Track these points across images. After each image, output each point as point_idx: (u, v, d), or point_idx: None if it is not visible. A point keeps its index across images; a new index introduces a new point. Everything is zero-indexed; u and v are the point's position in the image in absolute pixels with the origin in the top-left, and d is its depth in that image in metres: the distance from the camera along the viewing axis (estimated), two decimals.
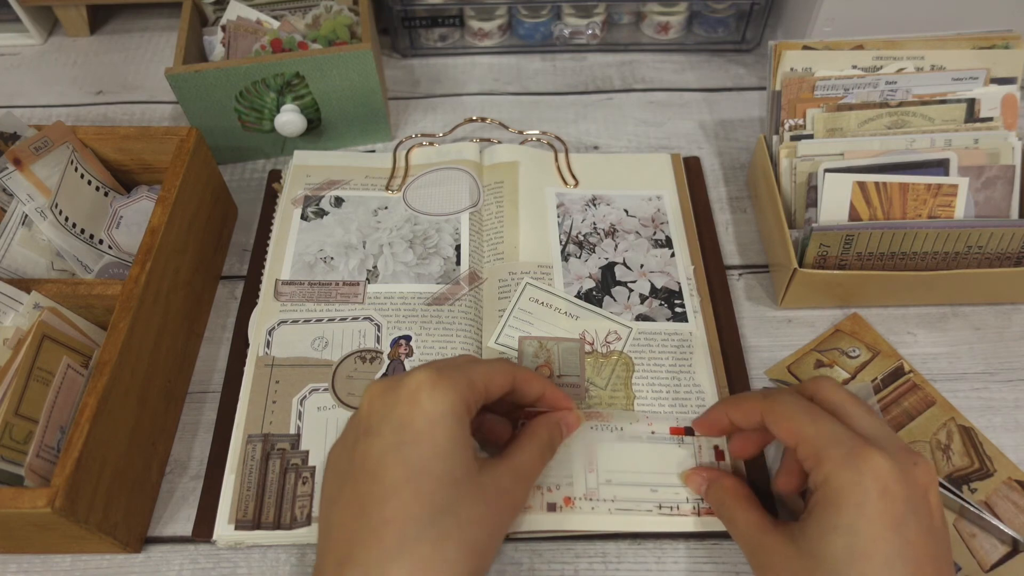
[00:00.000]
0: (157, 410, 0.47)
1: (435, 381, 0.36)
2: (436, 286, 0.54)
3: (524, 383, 0.41)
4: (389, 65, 0.74)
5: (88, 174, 0.53)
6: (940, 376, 0.51)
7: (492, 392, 0.39)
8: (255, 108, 0.61)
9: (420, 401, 0.36)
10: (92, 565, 0.44)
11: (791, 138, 0.56)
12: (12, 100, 0.71)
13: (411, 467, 0.35)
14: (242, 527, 0.44)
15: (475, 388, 0.38)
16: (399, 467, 0.35)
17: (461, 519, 0.35)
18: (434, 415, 0.36)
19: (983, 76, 0.56)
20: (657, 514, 0.44)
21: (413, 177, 0.60)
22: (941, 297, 0.54)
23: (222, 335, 0.54)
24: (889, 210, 0.51)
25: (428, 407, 0.36)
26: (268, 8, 0.67)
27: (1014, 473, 0.46)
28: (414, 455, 0.35)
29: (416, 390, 0.36)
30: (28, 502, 0.36)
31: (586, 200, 0.59)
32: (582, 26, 0.72)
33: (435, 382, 0.36)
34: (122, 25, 0.78)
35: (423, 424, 0.35)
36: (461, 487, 0.35)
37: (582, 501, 0.44)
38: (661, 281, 0.54)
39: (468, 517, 0.35)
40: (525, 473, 0.40)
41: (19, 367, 0.42)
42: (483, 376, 0.39)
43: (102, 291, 0.45)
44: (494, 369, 0.40)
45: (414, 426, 0.35)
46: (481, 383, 0.38)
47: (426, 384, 0.36)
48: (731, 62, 0.74)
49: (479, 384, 0.38)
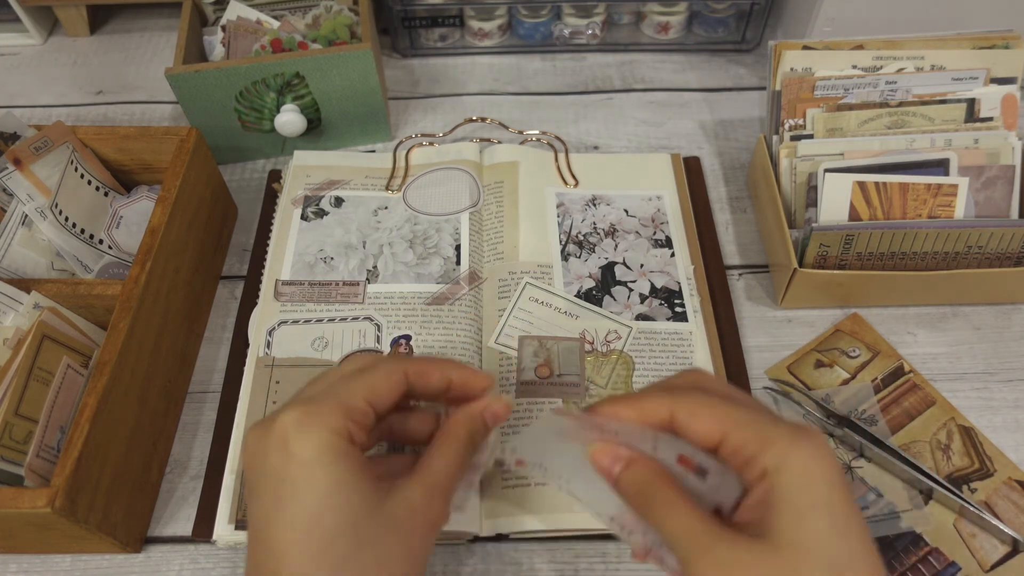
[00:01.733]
0: (157, 410, 0.47)
1: (300, 421, 0.33)
2: (436, 286, 0.54)
3: (421, 377, 0.37)
4: (389, 65, 0.74)
5: (88, 174, 0.53)
6: (940, 376, 0.51)
7: (381, 404, 0.35)
8: (255, 108, 0.61)
9: (289, 448, 0.32)
10: (92, 565, 0.44)
11: (791, 138, 0.56)
12: (12, 100, 0.71)
13: (296, 526, 0.31)
14: (242, 527, 0.43)
15: (354, 411, 0.34)
16: (284, 529, 0.31)
17: (367, 563, 0.31)
18: (307, 459, 0.32)
19: (983, 76, 0.56)
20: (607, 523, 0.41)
21: (413, 177, 0.60)
22: (941, 297, 0.54)
23: (222, 335, 0.54)
24: (889, 210, 0.51)
25: (299, 452, 0.32)
26: (268, 8, 0.67)
27: (1014, 473, 0.46)
28: (297, 511, 0.31)
29: (283, 436, 0.32)
30: (28, 502, 0.36)
31: (586, 200, 0.59)
32: (582, 26, 0.72)
33: (300, 422, 0.33)
34: (122, 25, 0.78)
35: (298, 472, 0.32)
36: (360, 528, 0.32)
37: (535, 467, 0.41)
38: (661, 281, 0.54)
39: (376, 557, 0.32)
40: (440, 484, 0.35)
41: (19, 367, 0.42)
42: (362, 392, 0.35)
43: (102, 291, 0.45)
44: (376, 377, 0.36)
45: (289, 477, 0.32)
46: (361, 402, 0.34)
47: (291, 426, 0.32)
48: (731, 62, 0.74)
49: (358, 404, 0.34)
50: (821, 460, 0.31)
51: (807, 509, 0.30)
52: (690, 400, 0.34)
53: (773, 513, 0.31)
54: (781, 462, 0.31)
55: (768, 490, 0.31)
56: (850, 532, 0.30)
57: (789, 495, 0.31)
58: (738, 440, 0.32)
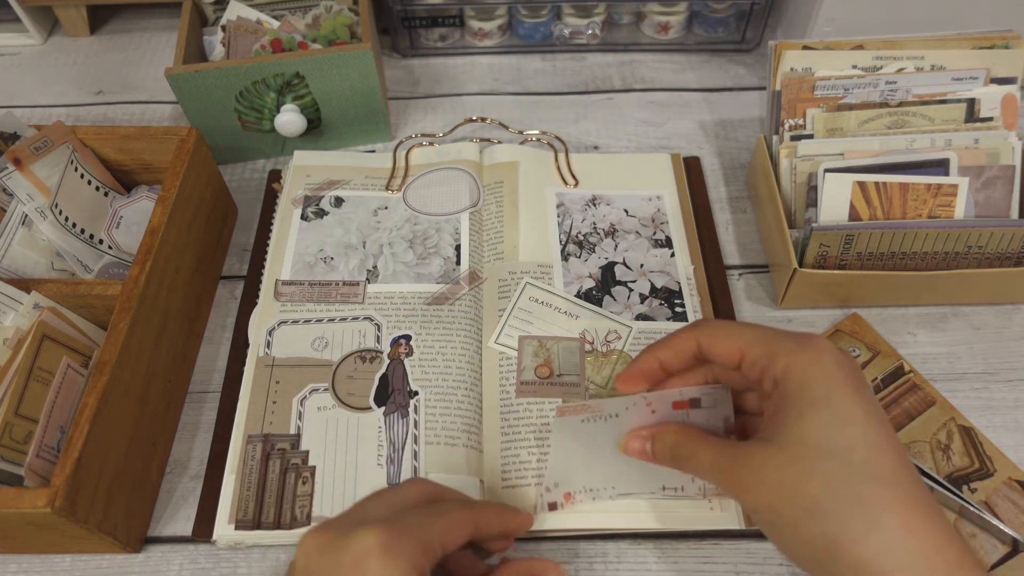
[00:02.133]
0: (157, 410, 0.47)
1: (386, 548, 0.32)
2: (436, 286, 0.54)
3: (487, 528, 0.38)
4: (389, 65, 0.74)
5: (88, 174, 0.53)
6: (940, 376, 0.51)
7: (449, 548, 0.35)
8: (255, 108, 0.61)
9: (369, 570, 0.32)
10: (92, 565, 0.44)
11: (791, 138, 0.56)
12: (12, 100, 0.71)
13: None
14: (242, 527, 0.44)
15: (430, 550, 0.34)
16: None
17: None
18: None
19: (983, 76, 0.56)
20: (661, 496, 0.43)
21: (413, 177, 0.60)
22: (941, 297, 0.54)
23: (222, 335, 0.54)
24: (889, 210, 0.51)
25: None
26: (268, 8, 0.67)
27: (1014, 473, 0.46)
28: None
29: (363, 557, 0.32)
30: (28, 502, 0.36)
31: (586, 200, 0.59)
32: (582, 26, 0.72)
33: (386, 549, 0.32)
34: (122, 25, 0.78)
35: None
36: None
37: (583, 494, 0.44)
38: (661, 281, 0.54)
39: None
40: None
41: (19, 367, 0.42)
42: (440, 535, 0.35)
43: (102, 291, 0.45)
44: (453, 522, 0.36)
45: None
46: (438, 543, 0.34)
47: (375, 551, 0.32)
48: (731, 62, 0.74)
49: (435, 545, 0.34)
50: (818, 362, 0.34)
51: (807, 407, 0.33)
52: (710, 328, 0.38)
53: (781, 416, 0.34)
54: (786, 369, 0.34)
55: (779, 396, 0.35)
56: (849, 422, 0.33)
57: (792, 397, 0.34)
58: (753, 356, 0.36)
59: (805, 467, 0.33)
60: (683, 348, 0.39)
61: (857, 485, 0.32)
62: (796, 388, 0.34)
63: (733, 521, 0.44)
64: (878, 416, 0.34)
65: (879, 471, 0.32)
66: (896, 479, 0.32)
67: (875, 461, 0.32)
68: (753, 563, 0.44)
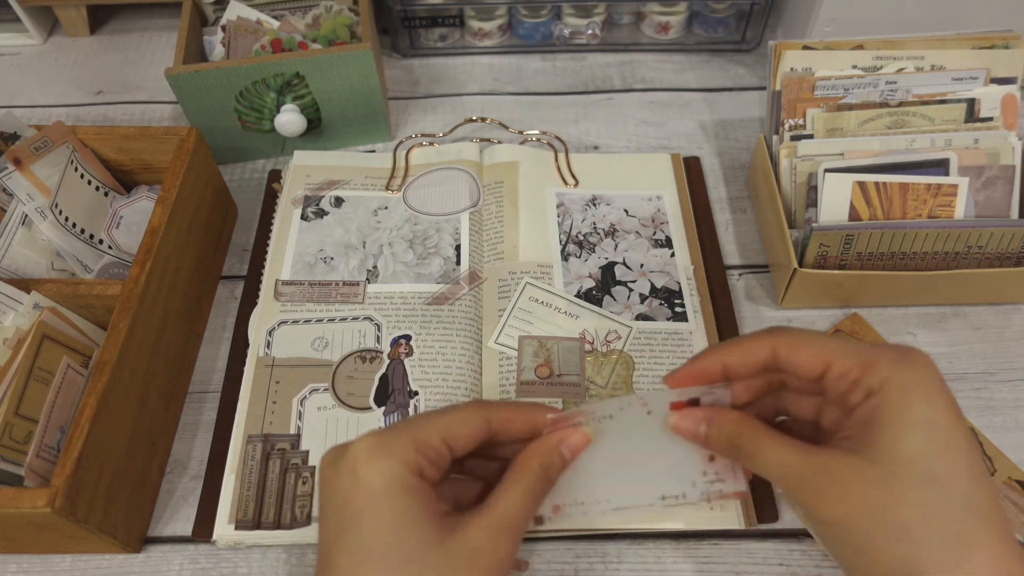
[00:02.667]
0: (157, 410, 0.47)
1: (372, 449, 0.33)
2: (436, 286, 0.54)
3: (505, 424, 0.36)
4: (389, 65, 0.74)
5: (88, 174, 0.53)
6: None
7: (458, 445, 0.35)
8: (255, 108, 0.61)
9: (358, 475, 0.32)
10: (92, 565, 0.44)
11: (791, 138, 0.56)
12: (12, 100, 0.71)
13: (354, 554, 0.31)
14: (242, 527, 0.44)
15: (426, 446, 0.34)
16: (344, 555, 0.32)
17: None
18: (374, 489, 0.32)
19: (983, 76, 0.56)
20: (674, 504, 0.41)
21: (413, 177, 0.60)
22: (941, 297, 0.54)
23: (222, 335, 0.54)
24: (889, 210, 0.51)
25: (367, 480, 0.32)
26: (268, 8, 0.67)
27: (1014, 473, 0.46)
28: (355, 539, 0.32)
29: (354, 462, 0.33)
30: (28, 502, 0.36)
31: (586, 200, 0.59)
32: (582, 26, 0.72)
33: (371, 451, 0.33)
34: (122, 25, 0.78)
35: (363, 501, 0.32)
36: (420, 564, 0.31)
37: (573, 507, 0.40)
38: (661, 281, 0.54)
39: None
40: (507, 524, 0.34)
41: (19, 367, 0.42)
42: (438, 429, 0.34)
43: (102, 291, 0.45)
44: (454, 417, 0.35)
45: (354, 505, 0.32)
46: (435, 438, 0.34)
47: (362, 455, 0.33)
48: (731, 62, 0.74)
49: (432, 441, 0.34)
50: (922, 380, 0.32)
51: (906, 427, 0.31)
52: (790, 336, 0.35)
53: (873, 430, 0.32)
54: (884, 382, 0.32)
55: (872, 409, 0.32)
56: (951, 448, 0.31)
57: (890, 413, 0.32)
58: (842, 367, 0.33)
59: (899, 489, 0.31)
60: (756, 354, 0.35)
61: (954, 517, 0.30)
62: (896, 403, 0.32)
63: (733, 521, 0.44)
64: (975, 445, 0.32)
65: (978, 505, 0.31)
66: (992, 515, 0.31)
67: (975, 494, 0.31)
68: (753, 563, 0.44)
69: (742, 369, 0.36)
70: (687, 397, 0.37)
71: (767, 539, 0.45)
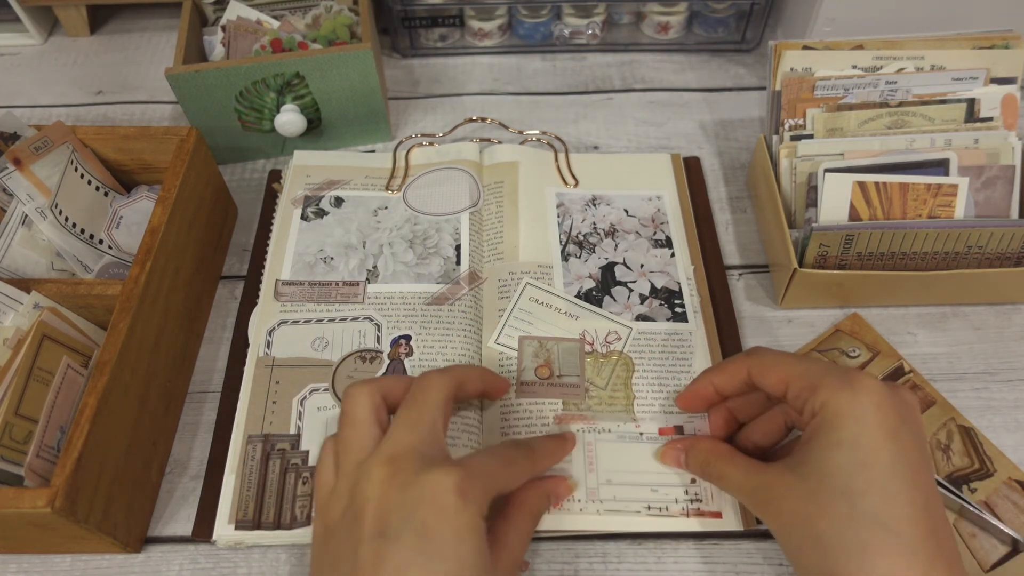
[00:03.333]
0: (157, 410, 0.47)
1: (466, 489, 0.34)
2: (436, 286, 0.54)
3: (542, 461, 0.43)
4: (389, 65, 0.74)
5: (88, 174, 0.53)
6: (940, 376, 0.51)
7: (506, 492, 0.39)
8: (255, 108, 0.61)
9: (446, 510, 0.33)
10: (92, 565, 0.44)
11: (791, 138, 0.56)
12: (12, 100, 0.71)
13: None
14: (242, 527, 0.44)
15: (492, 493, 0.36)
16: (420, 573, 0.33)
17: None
18: (462, 529, 0.33)
19: (983, 76, 0.56)
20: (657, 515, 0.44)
21: (413, 177, 0.60)
22: (941, 297, 0.54)
23: (222, 335, 0.54)
24: (889, 210, 0.51)
25: (456, 519, 0.33)
26: (268, 8, 0.67)
27: (1014, 473, 0.46)
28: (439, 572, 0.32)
29: (443, 494, 0.34)
30: (28, 502, 0.36)
31: (586, 200, 0.59)
32: (582, 26, 0.72)
33: (466, 491, 0.34)
34: (122, 25, 0.78)
35: (450, 537, 0.33)
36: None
37: (583, 503, 0.44)
38: (661, 281, 0.54)
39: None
40: (515, 559, 0.38)
41: (19, 367, 0.42)
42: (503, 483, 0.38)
43: (102, 291, 0.45)
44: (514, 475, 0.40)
45: (441, 538, 0.33)
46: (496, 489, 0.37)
47: (454, 491, 0.34)
48: (731, 62, 0.74)
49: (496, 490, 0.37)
50: (856, 403, 0.35)
51: (833, 445, 0.35)
52: (760, 358, 0.40)
53: (809, 448, 0.36)
54: (823, 404, 0.36)
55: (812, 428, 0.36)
56: (869, 466, 0.34)
57: (822, 432, 0.36)
58: (796, 388, 0.38)
59: (819, 502, 0.34)
60: (735, 375, 0.41)
61: (860, 530, 0.33)
62: (828, 424, 0.36)
63: (733, 521, 0.44)
64: (907, 464, 0.34)
65: (885, 519, 0.33)
66: (901, 529, 0.33)
67: (883, 509, 0.33)
68: (753, 563, 0.44)
69: (728, 388, 0.42)
70: (672, 424, 0.46)
71: (767, 539, 0.45)
